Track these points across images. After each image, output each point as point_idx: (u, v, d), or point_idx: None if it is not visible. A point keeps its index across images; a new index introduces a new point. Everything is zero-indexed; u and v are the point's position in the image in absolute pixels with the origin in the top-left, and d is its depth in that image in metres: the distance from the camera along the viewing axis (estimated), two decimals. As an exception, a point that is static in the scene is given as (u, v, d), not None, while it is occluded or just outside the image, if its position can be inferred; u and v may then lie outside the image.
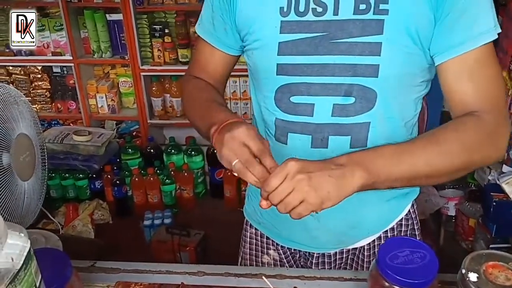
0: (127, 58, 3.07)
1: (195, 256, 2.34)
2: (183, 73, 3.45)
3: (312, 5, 0.89)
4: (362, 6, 0.87)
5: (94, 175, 2.88)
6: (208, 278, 0.96)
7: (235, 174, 0.81)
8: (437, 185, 2.64)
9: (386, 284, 0.75)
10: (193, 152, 2.92)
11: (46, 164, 1.57)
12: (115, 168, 2.90)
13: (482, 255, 0.79)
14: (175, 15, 3.07)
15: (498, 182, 2.16)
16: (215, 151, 0.85)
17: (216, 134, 0.86)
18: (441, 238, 2.61)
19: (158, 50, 3.07)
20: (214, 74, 1.08)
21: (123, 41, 3.09)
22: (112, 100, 3.25)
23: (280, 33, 0.91)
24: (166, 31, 3.05)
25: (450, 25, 0.86)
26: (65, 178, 2.87)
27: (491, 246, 2.14)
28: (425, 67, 0.92)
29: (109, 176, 2.82)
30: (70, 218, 2.59)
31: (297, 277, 0.95)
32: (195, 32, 3.47)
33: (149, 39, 3.07)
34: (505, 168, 2.19)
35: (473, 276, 0.74)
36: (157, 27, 3.06)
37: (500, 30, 0.88)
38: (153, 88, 3.19)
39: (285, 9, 0.90)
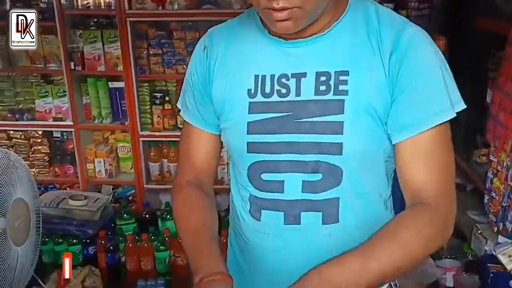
0: (127, 124, 3.12)
1: (188, 327, 2.27)
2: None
3: (276, 87, 0.94)
4: (322, 88, 0.91)
5: (88, 241, 2.84)
6: None
7: None
8: (433, 254, 2.60)
9: None
10: (188, 218, 2.89)
11: (41, 229, 1.57)
12: (109, 233, 2.86)
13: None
14: (176, 83, 3.16)
15: (494, 253, 2.14)
16: None
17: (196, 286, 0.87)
18: (440, 310, 2.54)
19: (158, 116, 3.13)
20: (204, 163, 1.07)
21: (123, 108, 3.15)
22: (110, 164, 3.27)
23: (249, 113, 0.95)
24: (167, 98, 3.13)
25: (403, 105, 0.88)
26: (58, 244, 2.82)
27: (490, 319, 2.09)
28: (388, 144, 0.93)
29: (103, 242, 2.78)
30: (61, 286, 2.53)
31: None
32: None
33: (149, 106, 3.13)
34: (500, 238, 2.18)
35: None
36: (158, 94, 3.13)
37: (464, 106, 0.89)
38: (151, 153, 3.23)
39: (252, 91, 0.95)
